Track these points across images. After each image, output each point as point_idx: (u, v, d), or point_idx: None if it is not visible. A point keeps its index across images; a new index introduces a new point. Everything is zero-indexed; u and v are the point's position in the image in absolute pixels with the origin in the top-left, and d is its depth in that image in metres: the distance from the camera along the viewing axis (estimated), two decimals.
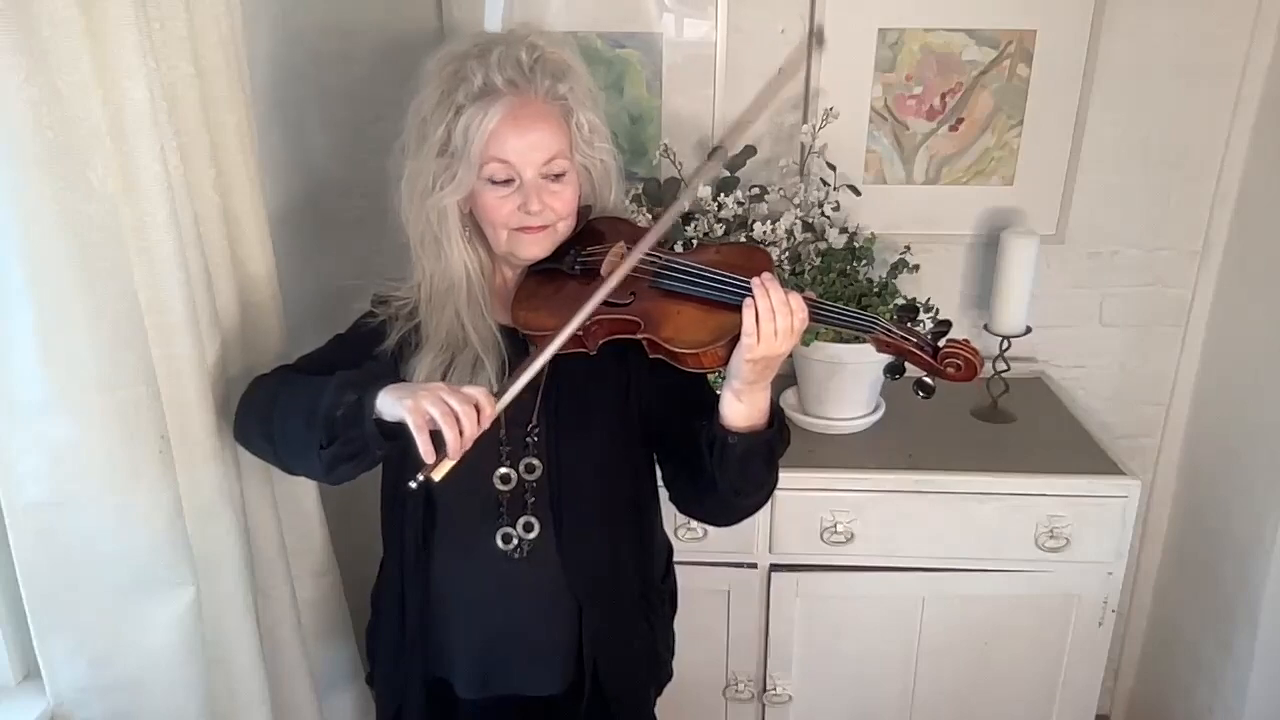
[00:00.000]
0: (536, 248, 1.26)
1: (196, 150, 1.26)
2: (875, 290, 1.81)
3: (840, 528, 1.75)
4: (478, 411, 1.05)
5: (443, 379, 1.22)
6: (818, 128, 1.85)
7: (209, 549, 1.29)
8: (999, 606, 1.81)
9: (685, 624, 1.55)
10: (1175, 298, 2.08)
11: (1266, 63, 1.89)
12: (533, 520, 1.27)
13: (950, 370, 1.15)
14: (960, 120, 1.95)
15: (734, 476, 1.17)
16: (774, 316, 1.09)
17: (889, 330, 1.15)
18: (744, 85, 1.92)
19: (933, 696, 1.89)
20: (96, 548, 1.18)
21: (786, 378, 1.95)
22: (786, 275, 1.83)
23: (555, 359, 1.14)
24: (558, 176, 1.24)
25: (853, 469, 1.75)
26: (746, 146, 1.88)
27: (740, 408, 1.15)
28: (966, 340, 1.16)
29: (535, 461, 1.27)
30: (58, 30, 1.01)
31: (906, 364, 1.17)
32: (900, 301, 1.18)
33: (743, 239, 1.82)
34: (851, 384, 1.83)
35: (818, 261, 1.85)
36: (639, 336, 1.18)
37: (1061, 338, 2.10)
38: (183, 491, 1.24)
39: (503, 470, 1.27)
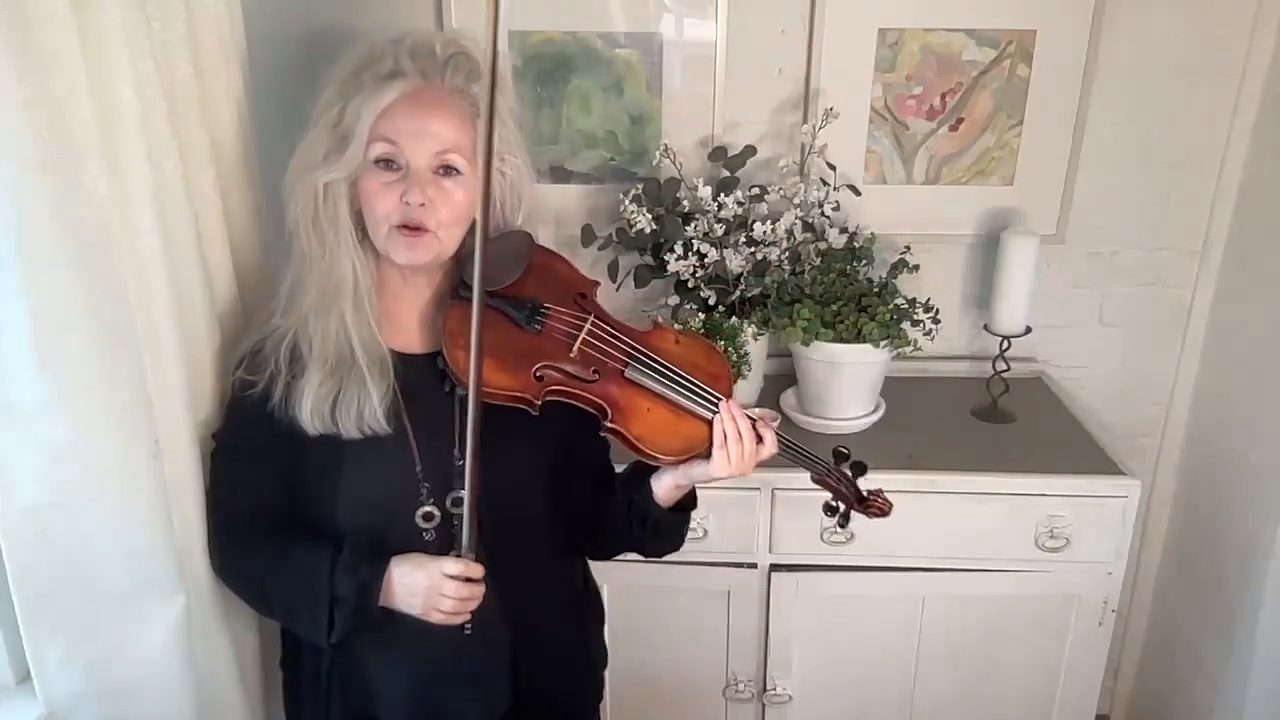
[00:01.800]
0: (412, 252, 1.15)
1: (195, 151, 1.25)
2: (875, 290, 1.81)
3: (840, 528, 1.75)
4: (474, 580, 1.15)
5: (332, 410, 1.16)
6: (818, 128, 1.85)
7: (194, 557, 1.28)
8: (999, 606, 1.81)
9: (685, 624, 1.55)
10: (1175, 298, 2.08)
11: (1266, 63, 1.88)
12: (460, 552, 1.18)
13: (869, 515, 1.34)
14: (960, 120, 1.94)
15: (662, 543, 1.29)
16: (741, 441, 1.19)
17: (829, 475, 1.31)
18: (744, 85, 1.92)
19: (933, 696, 1.89)
20: (94, 550, 1.18)
21: (787, 377, 1.95)
22: (786, 275, 1.83)
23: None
24: (449, 172, 1.16)
25: None
26: (747, 147, 1.88)
27: (677, 494, 1.24)
28: (880, 491, 1.34)
29: (462, 494, 1.17)
30: (52, 31, 1.00)
31: (837, 503, 1.33)
32: (858, 460, 1.34)
33: (742, 239, 1.82)
34: (851, 384, 1.82)
35: (818, 261, 1.85)
36: (606, 424, 1.18)
37: (1061, 338, 2.10)
38: (171, 499, 1.23)
39: (425, 508, 1.21)
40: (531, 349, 1.18)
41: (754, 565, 1.79)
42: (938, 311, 1.82)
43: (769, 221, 1.80)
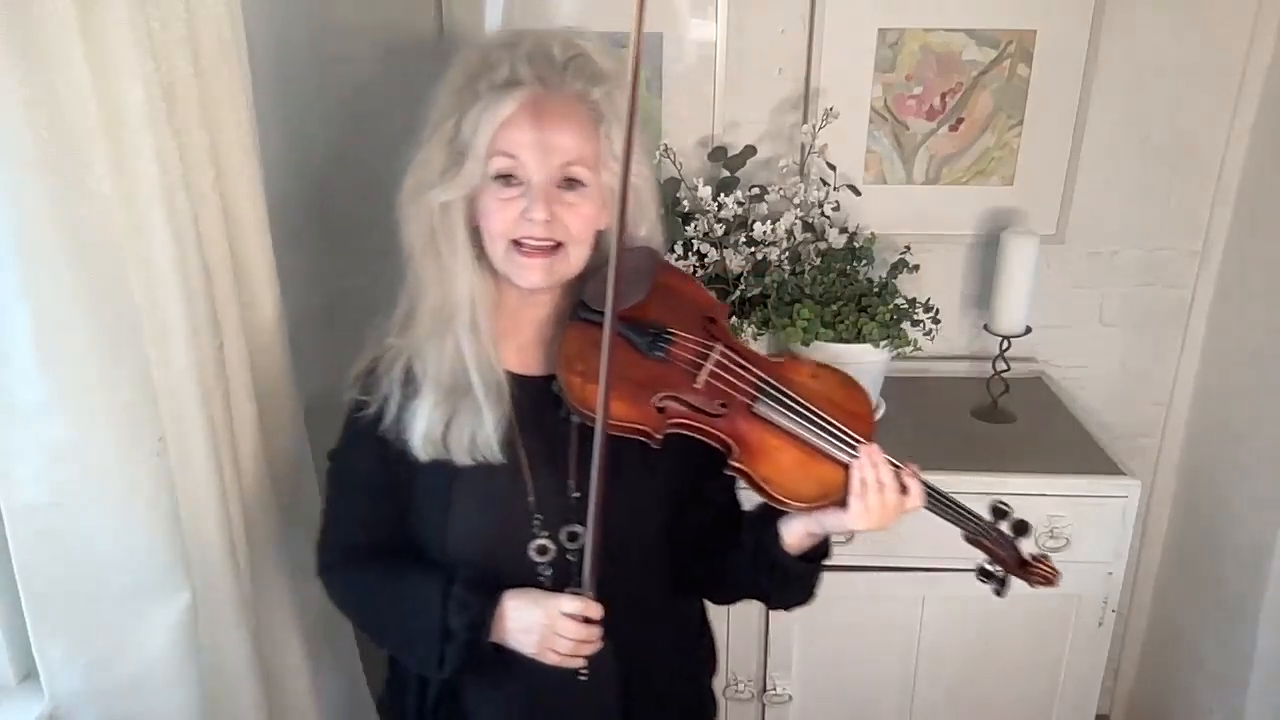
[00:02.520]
0: (535, 274, 1.09)
1: (196, 151, 1.25)
2: (875, 290, 1.81)
3: None
4: (591, 620, 1.09)
5: (444, 436, 1.12)
6: (818, 128, 1.85)
7: (205, 553, 1.28)
8: (999, 606, 1.79)
9: None
10: (1175, 298, 2.08)
11: (1266, 63, 1.89)
12: (578, 590, 1.11)
13: (1032, 584, 1.21)
14: (960, 120, 1.94)
15: (790, 594, 1.18)
16: (882, 491, 1.08)
17: (985, 535, 1.17)
18: (744, 85, 1.92)
19: (932, 696, 1.89)
20: (95, 549, 1.18)
21: None
22: (786, 275, 1.83)
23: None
24: (573, 185, 1.09)
25: None
26: (747, 147, 1.88)
27: (809, 541, 1.13)
28: (1046, 557, 1.21)
29: (577, 528, 1.13)
30: (54, 30, 1.00)
31: (992, 566, 1.19)
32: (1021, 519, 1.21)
33: (742, 239, 1.82)
34: None
35: (818, 261, 1.85)
36: (731, 462, 1.08)
37: (1061, 338, 2.10)
38: (179, 494, 1.24)
39: (539, 541, 1.15)
40: (653, 378, 1.10)
41: None
42: (938, 311, 1.82)
43: (769, 221, 1.80)
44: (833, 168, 1.87)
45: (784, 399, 1.11)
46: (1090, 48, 1.88)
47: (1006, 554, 1.18)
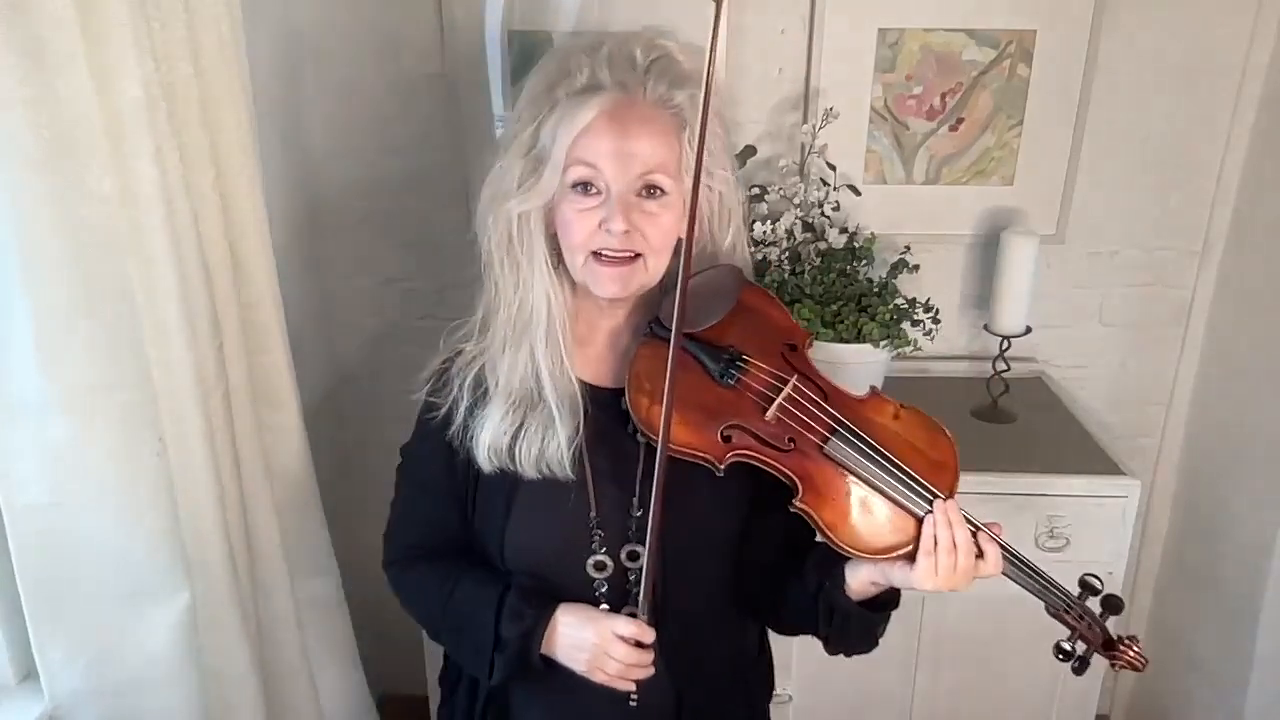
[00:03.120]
0: (614, 284, 1.06)
1: (196, 151, 1.25)
2: (875, 290, 1.81)
3: None
4: (644, 645, 1.07)
5: (511, 447, 1.10)
6: (818, 128, 1.85)
7: (204, 553, 1.29)
8: (999, 606, 1.81)
9: None
10: (1175, 298, 2.07)
11: (1266, 63, 1.88)
12: (634, 611, 1.09)
13: (1118, 667, 1.14)
14: (960, 120, 1.94)
15: (849, 641, 1.11)
16: (954, 552, 1.01)
17: (1069, 610, 1.12)
18: (744, 85, 1.92)
19: (932, 696, 1.89)
20: (95, 549, 1.18)
21: None
22: (786, 275, 1.83)
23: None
24: (655, 193, 1.06)
25: None
26: (747, 147, 1.88)
27: (874, 590, 1.07)
28: (1135, 638, 1.15)
29: (639, 548, 1.11)
30: (55, 30, 1.00)
31: (1077, 644, 1.12)
32: (1111, 595, 1.16)
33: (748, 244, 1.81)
34: (852, 384, 1.82)
35: (818, 261, 1.85)
36: (795, 503, 1.03)
37: (1061, 338, 2.10)
38: (178, 495, 1.24)
39: (597, 558, 1.13)
40: (722, 405, 1.06)
41: None
42: (938, 311, 1.82)
43: (769, 221, 1.80)
44: (833, 168, 1.87)
45: (858, 441, 1.05)
46: (1090, 48, 1.88)
47: (1090, 632, 1.12)
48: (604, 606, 1.13)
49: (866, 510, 1.04)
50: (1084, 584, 1.12)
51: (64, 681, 1.22)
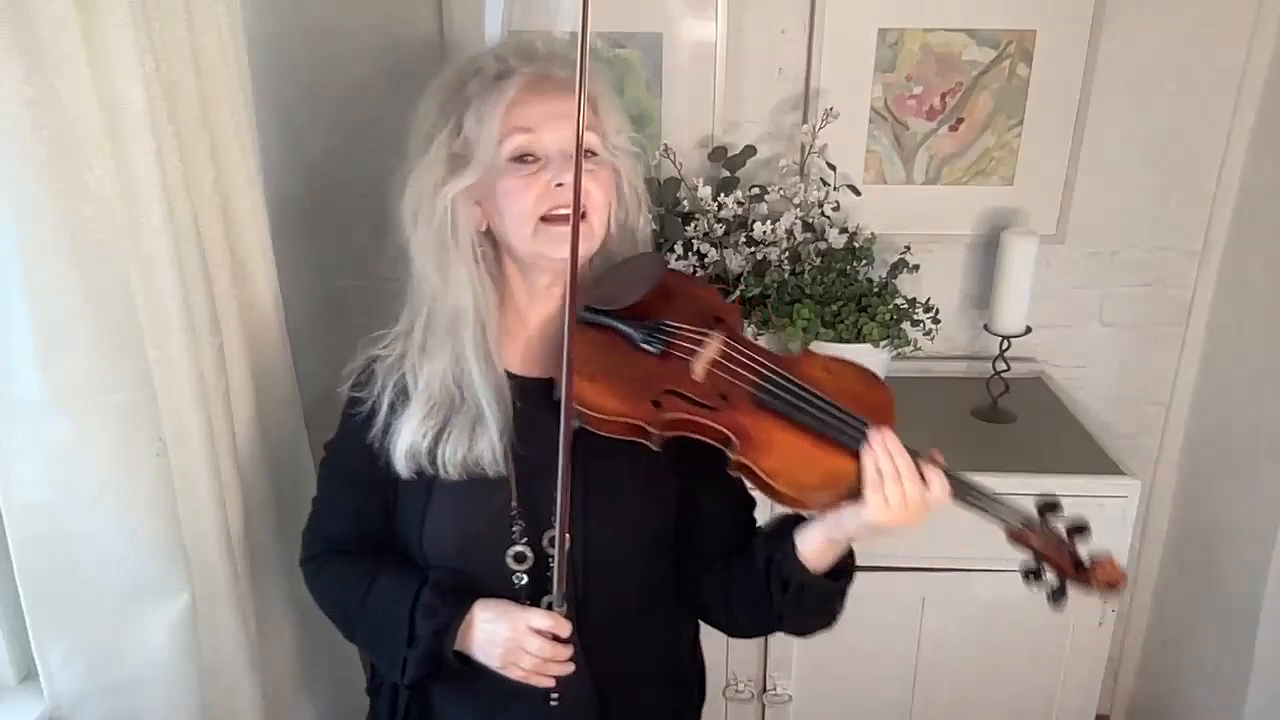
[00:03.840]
0: (569, 244, 1.05)
1: (196, 150, 1.26)
2: (875, 290, 1.81)
3: None
4: (561, 639, 1.05)
5: (432, 450, 1.10)
6: (818, 128, 1.85)
7: (204, 553, 1.29)
8: (999, 606, 1.81)
9: None
10: (1175, 298, 2.07)
11: (1266, 63, 1.88)
12: (553, 604, 1.08)
13: (1094, 588, 1.07)
14: (960, 120, 1.94)
15: (808, 617, 1.08)
16: (899, 481, 0.99)
17: (1023, 525, 1.06)
18: (744, 85, 1.92)
19: (933, 696, 1.89)
20: (94, 549, 1.18)
21: None
22: (786, 275, 1.83)
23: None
24: (588, 155, 1.06)
25: None
26: (747, 147, 1.88)
27: (829, 553, 1.04)
28: (1112, 557, 1.07)
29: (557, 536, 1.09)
30: (55, 30, 1.00)
31: (1046, 569, 1.06)
32: (1051, 497, 1.09)
33: (742, 239, 1.81)
34: None
35: (818, 261, 1.85)
36: (732, 456, 1.01)
37: (1061, 338, 2.10)
38: (179, 495, 1.24)
39: (517, 549, 1.11)
40: (651, 373, 1.05)
41: None
42: (938, 311, 1.82)
43: (769, 221, 1.80)
44: (833, 168, 1.87)
45: (790, 384, 1.04)
46: (1090, 48, 1.88)
47: (1059, 555, 1.06)
48: (528, 601, 1.11)
49: (805, 453, 1.02)
50: (1044, 506, 1.07)
51: (64, 681, 1.22)
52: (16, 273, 1.04)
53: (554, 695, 1.08)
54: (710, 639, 1.84)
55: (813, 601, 1.07)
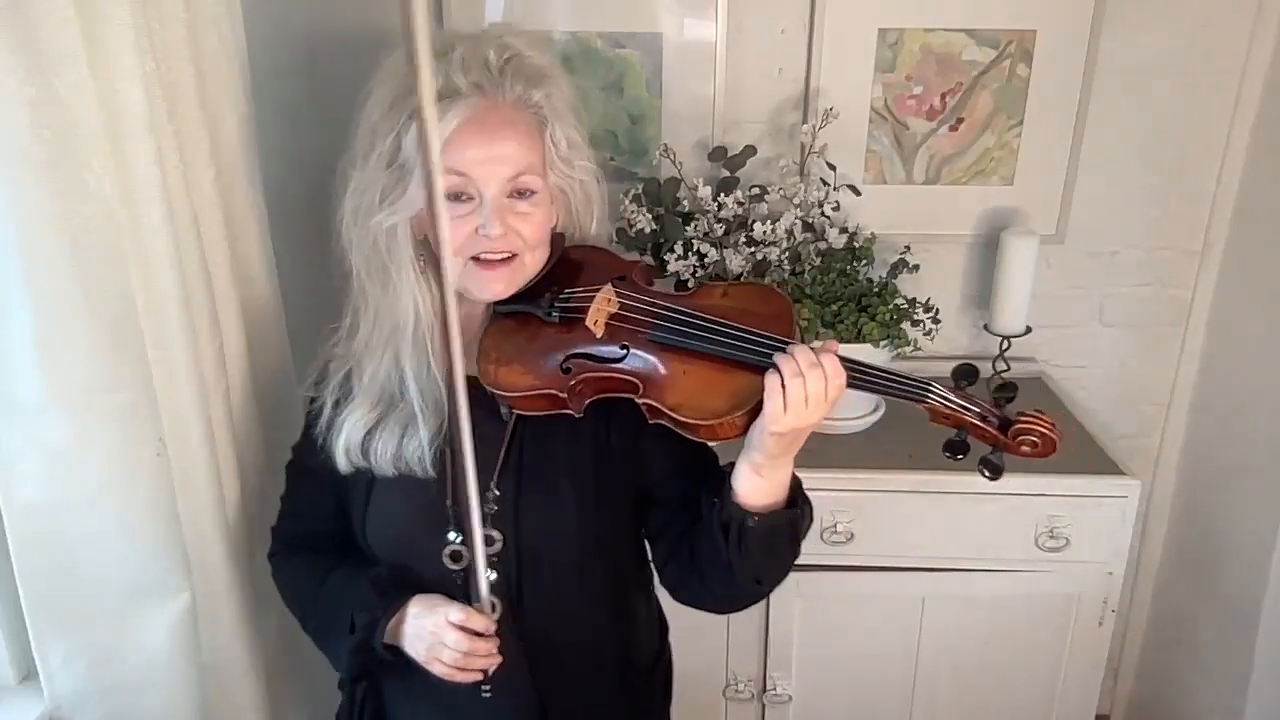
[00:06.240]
0: (498, 285, 1.07)
1: (196, 150, 1.26)
2: (875, 290, 1.81)
3: (840, 528, 1.75)
4: (485, 634, 1.05)
5: (364, 443, 1.10)
6: (818, 128, 1.85)
7: (204, 552, 1.29)
8: (999, 606, 1.81)
9: (685, 624, 1.54)
10: (1175, 298, 2.08)
11: (1266, 63, 1.88)
12: (495, 601, 1.07)
13: (1024, 449, 1.00)
14: (960, 120, 1.94)
15: (756, 562, 1.03)
16: (804, 381, 0.94)
17: (945, 400, 0.99)
18: (744, 85, 1.92)
19: (933, 696, 1.89)
20: (94, 550, 1.18)
21: None
22: (786, 275, 1.83)
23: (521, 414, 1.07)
24: (526, 195, 1.06)
25: (853, 469, 1.74)
26: (747, 147, 1.88)
27: (760, 484, 1.00)
28: (1040, 411, 1.00)
29: (494, 533, 1.09)
30: (55, 30, 1.00)
31: (970, 439, 1.00)
32: (966, 363, 1.00)
33: (742, 239, 1.81)
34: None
35: (818, 261, 1.85)
36: (638, 401, 1.02)
37: (1061, 338, 2.10)
38: (179, 495, 1.24)
39: (454, 548, 1.10)
40: (557, 342, 1.07)
41: None
42: (938, 311, 1.82)
43: (769, 221, 1.80)
44: (833, 168, 1.87)
45: (683, 317, 1.03)
46: (1090, 48, 1.88)
47: (982, 421, 0.99)
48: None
49: (707, 380, 1.01)
50: (959, 372, 1.00)
51: (64, 681, 1.22)
52: (16, 273, 1.04)
53: (485, 688, 1.08)
54: (710, 639, 1.85)
55: (758, 542, 1.02)
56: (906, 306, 1.79)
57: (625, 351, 1.04)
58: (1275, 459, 1.83)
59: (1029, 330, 1.91)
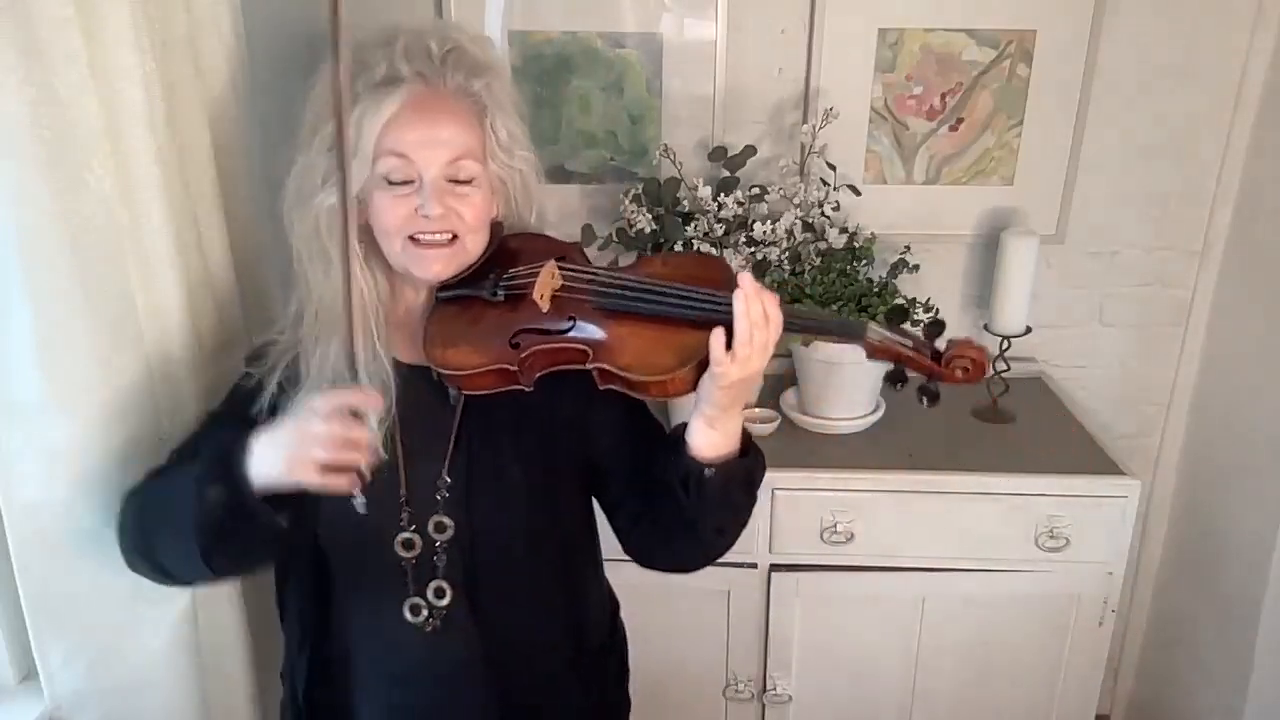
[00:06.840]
0: (437, 264, 1.08)
1: (196, 150, 1.26)
2: (875, 290, 1.81)
3: (840, 528, 1.75)
4: (362, 416, 0.97)
5: None
6: (818, 128, 1.85)
7: None
8: (999, 606, 1.81)
9: (685, 624, 1.55)
10: (1175, 298, 2.08)
11: (1266, 63, 1.89)
12: (444, 585, 1.10)
13: (958, 374, 1.08)
14: (960, 120, 1.94)
15: (716, 512, 1.06)
16: (746, 316, 0.97)
17: (880, 335, 1.06)
18: (744, 86, 1.92)
19: (933, 696, 1.89)
20: (95, 549, 1.18)
21: (787, 377, 1.95)
22: (786, 275, 1.83)
23: (469, 396, 1.08)
24: (465, 182, 1.08)
25: (853, 469, 1.74)
26: (747, 147, 1.88)
27: (714, 436, 1.03)
28: (969, 339, 1.08)
29: (446, 520, 1.11)
30: (55, 30, 1.01)
31: (907, 370, 1.08)
32: (896, 303, 1.08)
33: (742, 239, 1.81)
34: (851, 384, 1.83)
35: (818, 261, 1.85)
36: (589, 366, 1.05)
37: (1061, 338, 2.10)
38: None
39: (405, 535, 1.11)
40: (504, 320, 1.09)
41: (754, 565, 1.79)
42: (938, 311, 1.82)
43: (769, 221, 1.80)
44: (833, 168, 1.87)
45: (626, 282, 1.07)
46: (1090, 48, 1.88)
47: (915, 354, 1.07)
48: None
49: (654, 339, 1.04)
50: (891, 313, 1.08)
51: (64, 682, 1.22)
52: (16, 271, 1.04)
53: (357, 496, 0.97)
54: (710, 639, 1.85)
55: (716, 491, 1.04)
56: (906, 306, 1.79)
57: (572, 323, 1.07)
58: (1275, 459, 1.83)
59: (1029, 330, 1.91)
